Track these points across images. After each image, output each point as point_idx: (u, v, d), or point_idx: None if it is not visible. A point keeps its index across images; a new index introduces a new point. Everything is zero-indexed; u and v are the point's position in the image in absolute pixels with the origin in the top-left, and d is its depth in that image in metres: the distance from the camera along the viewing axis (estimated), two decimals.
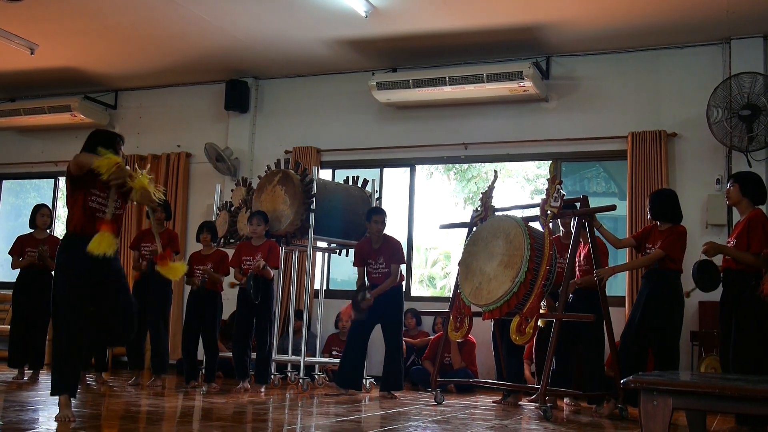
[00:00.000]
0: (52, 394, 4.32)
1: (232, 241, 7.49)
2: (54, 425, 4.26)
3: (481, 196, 6.46)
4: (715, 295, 5.33)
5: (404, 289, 8.64)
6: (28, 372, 7.07)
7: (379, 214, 6.76)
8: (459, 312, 6.06)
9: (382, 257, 6.69)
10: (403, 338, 7.89)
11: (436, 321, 7.95)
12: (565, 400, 6.39)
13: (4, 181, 11.12)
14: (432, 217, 11.05)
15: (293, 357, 7.40)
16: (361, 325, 6.70)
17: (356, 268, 6.85)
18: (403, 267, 7.02)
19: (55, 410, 4.31)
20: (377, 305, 6.59)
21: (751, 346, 4.92)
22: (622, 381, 3.39)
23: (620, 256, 7.85)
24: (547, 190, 5.80)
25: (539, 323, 6.09)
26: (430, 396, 6.54)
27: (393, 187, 9.28)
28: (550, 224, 5.75)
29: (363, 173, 7.90)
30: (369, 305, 6.55)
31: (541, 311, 5.70)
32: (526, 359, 6.91)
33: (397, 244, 6.82)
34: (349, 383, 6.64)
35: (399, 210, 9.05)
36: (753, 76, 7.06)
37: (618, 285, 7.86)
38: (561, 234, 6.30)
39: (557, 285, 5.79)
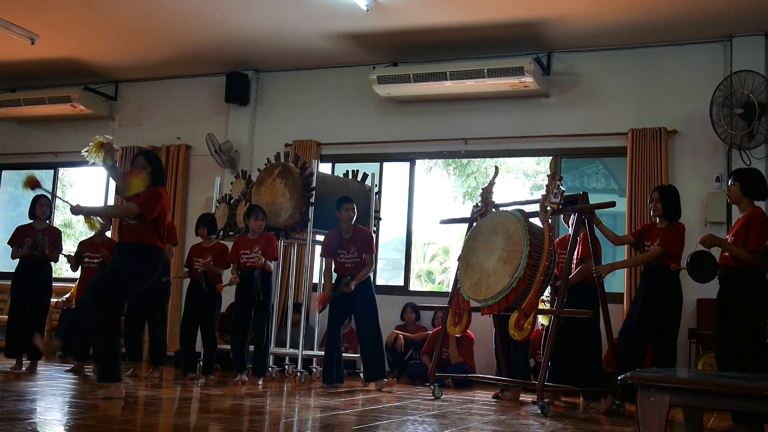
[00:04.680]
0: None
1: (231, 233, 7.49)
2: (52, 416, 4.27)
3: (481, 191, 6.45)
4: (713, 292, 5.33)
5: (403, 284, 8.73)
6: (26, 362, 7.07)
7: (348, 202, 6.71)
8: (458, 307, 6.07)
9: (354, 247, 6.68)
10: (402, 333, 7.94)
11: (436, 315, 7.95)
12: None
13: (3, 171, 11.11)
14: (431, 212, 11.06)
15: (291, 350, 7.41)
16: (336, 321, 6.74)
17: (324, 258, 6.84)
18: (400, 261, 7.01)
19: (50, 401, 4.31)
20: (350, 297, 6.60)
21: (748, 343, 4.92)
22: (619, 377, 3.40)
23: (619, 253, 7.85)
24: (547, 186, 5.81)
25: (544, 320, 6.10)
26: (428, 390, 6.54)
27: (392, 182, 9.28)
28: (550, 221, 5.76)
29: (363, 167, 7.90)
30: (350, 291, 6.55)
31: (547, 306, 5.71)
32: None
33: (370, 234, 6.86)
34: (336, 378, 6.66)
35: (398, 204, 9.05)
36: (752, 74, 7.05)
37: (616, 281, 7.87)
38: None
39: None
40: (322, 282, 6.89)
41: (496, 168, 6.61)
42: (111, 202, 9.94)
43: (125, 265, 5.07)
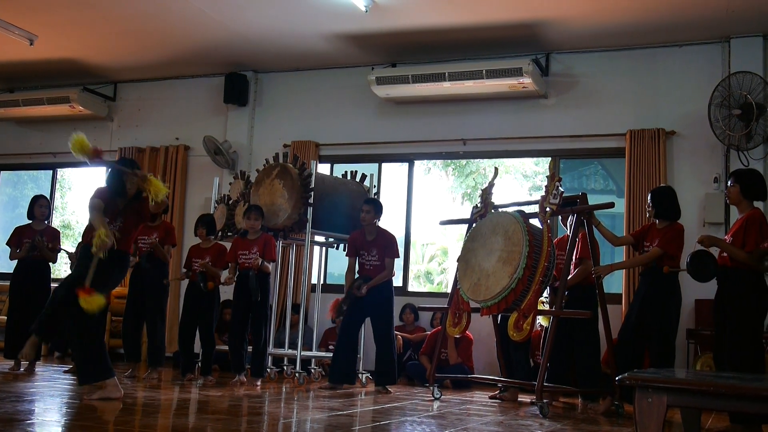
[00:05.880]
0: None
1: (229, 234, 7.49)
2: (51, 417, 4.27)
3: (480, 192, 6.46)
4: (711, 293, 5.34)
5: (401, 285, 8.73)
6: (24, 363, 7.07)
7: (367, 204, 6.76)
8: (457, 308, 6.07)
9: (375, 249, 6.68)
10: (401, 334, 7.94)
11: (435, 316, 7.96)
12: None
13: (2, 172, 11.10)
14: (430, 213, 11.06)
15: (290, 351, 7.41)
16: (351, 321, 6.71)
17: (348, 258, 6.87)
18: (398, 261, 7.01)
19: (49, 402, 4.31)
20: (367, 299, 6.61)
21: (746, 344, 4.93)
22: (617, 378, 3.40)
23: (618, 254, 7.86)
24: (546, 187, 5.81)
25: (543, 322, 6.11)
26: (426, 391, 6.55)
27: (391, 182, 9.27)
28: (549, 221, 5.76)
29: (361, 168, 7.90)
30: (361, 296, 6.55)
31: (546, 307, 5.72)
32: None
33: (392, 238, 6.80)
34: (342, 379, 6.65)
35: (397, 205, 9.05)
36: (750, 75, 7.06)
37: (615, 282, 7.88)
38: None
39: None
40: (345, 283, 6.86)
41: (496, 169, 6.61)
42: None
43: (107, 273, 4.98)
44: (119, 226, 5.05)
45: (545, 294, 5.90)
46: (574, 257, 5.86)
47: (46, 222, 7.37)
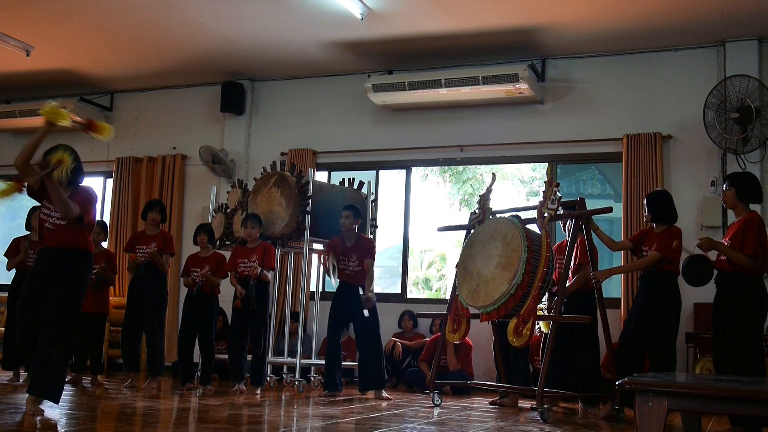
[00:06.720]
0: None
1: (228, 243, 7.48)
2: (50, 428, 4.25)
3: (479, 198, 6.47)
4: (710, 296, 5.34)
5: (400, 291, 8.73)
6: (23, 374, 7.05)
7: (346, 209, 6.81)
8: (457, 314, 6.07)
9: (355, 255, 6.73)
10: (400, 340, 7.93)
11: (434, 323, 7.95)
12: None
13: None
14: (427, 220, 11.07)
15: (289, 359, 7.40)
16: (336, 329, 6.76)
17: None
18: (397, 268, 7.01)
19: (48, 413, 4.30)
20: (349, 305, 6.63)
21: (745, 347, 4.93)
22: (617, 382, 3.40)
23: (616, 259, 7.86)
24: (544, 192, 5.82)
25: (543, 328, 6.11)
26: (426, 398, 6.53)
27: (388, 189, 9.28)
28: (547, 227, 5.76)
29: (359, 175, 7.90)
30: (372, 303, 6.65)
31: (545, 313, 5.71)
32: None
33: (371, 242, 6.91)
34: (336, 385, 6.67)
35: (394, 212, 9.05)
36: (746, 79, 7.08)
37: (613, 287, 7.88)
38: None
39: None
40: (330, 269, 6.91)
41: (493, 175, 6.62)
42: (108, 211, 9.93)
43: (71, 279, 4.79)
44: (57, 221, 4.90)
45: (544, 299, 5.90)
46: (572, 263, 5.86)
47: None
